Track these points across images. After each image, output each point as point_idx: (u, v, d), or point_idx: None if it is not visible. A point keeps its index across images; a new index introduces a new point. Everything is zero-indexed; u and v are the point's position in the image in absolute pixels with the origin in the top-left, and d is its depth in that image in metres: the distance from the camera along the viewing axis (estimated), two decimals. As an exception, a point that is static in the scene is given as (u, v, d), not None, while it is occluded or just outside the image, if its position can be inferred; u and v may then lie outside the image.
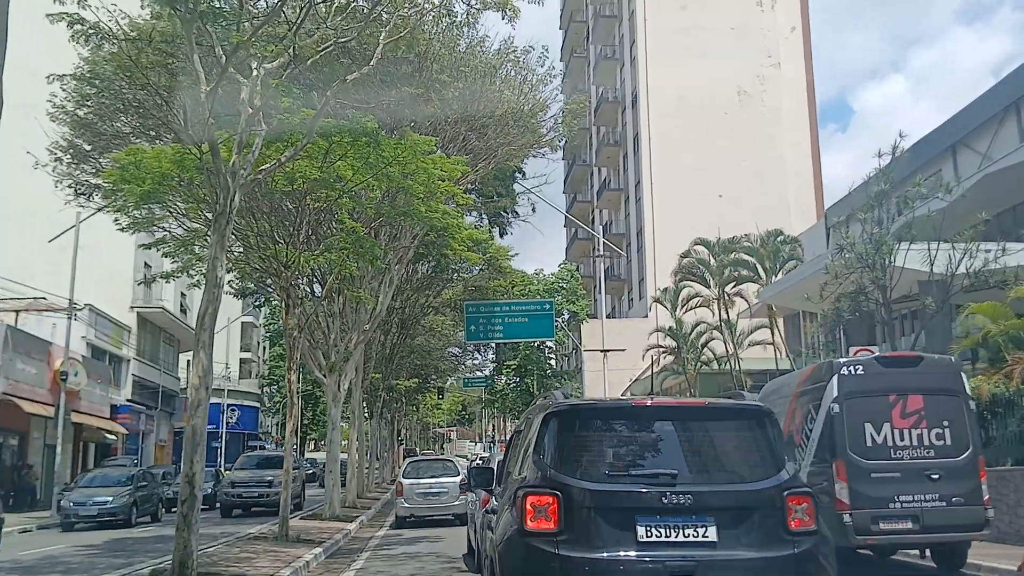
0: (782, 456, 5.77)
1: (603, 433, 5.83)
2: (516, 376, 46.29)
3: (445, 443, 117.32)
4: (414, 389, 57.49)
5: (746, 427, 5.85)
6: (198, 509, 8.84)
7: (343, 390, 21.68)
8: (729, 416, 6.04)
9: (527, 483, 5.61)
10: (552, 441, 5.65)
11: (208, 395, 9.34)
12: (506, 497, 6.14)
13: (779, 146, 52.91)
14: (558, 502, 5.31)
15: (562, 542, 5.26)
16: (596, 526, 5.28)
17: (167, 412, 48.73)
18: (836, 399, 10.90)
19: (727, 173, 51.20)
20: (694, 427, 5.86)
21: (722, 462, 5.78)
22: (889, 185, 18.74)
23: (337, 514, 21.03)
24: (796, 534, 5.39)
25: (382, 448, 52.87)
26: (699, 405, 6.31)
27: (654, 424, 5.83)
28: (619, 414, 6.07)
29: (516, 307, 32.03)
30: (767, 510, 5.42)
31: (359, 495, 31.50)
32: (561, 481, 5.40)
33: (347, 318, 21.96)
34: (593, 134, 66.02)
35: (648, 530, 5.27)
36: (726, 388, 41.06)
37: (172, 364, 49.38)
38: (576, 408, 6.04)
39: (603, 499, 5.35)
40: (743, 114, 53.35)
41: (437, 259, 30.70)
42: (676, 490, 5.33)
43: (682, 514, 5.28)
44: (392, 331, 37.80)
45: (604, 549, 5.23)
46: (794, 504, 5.44)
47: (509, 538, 5.57)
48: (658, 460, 5.62)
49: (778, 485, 5.52)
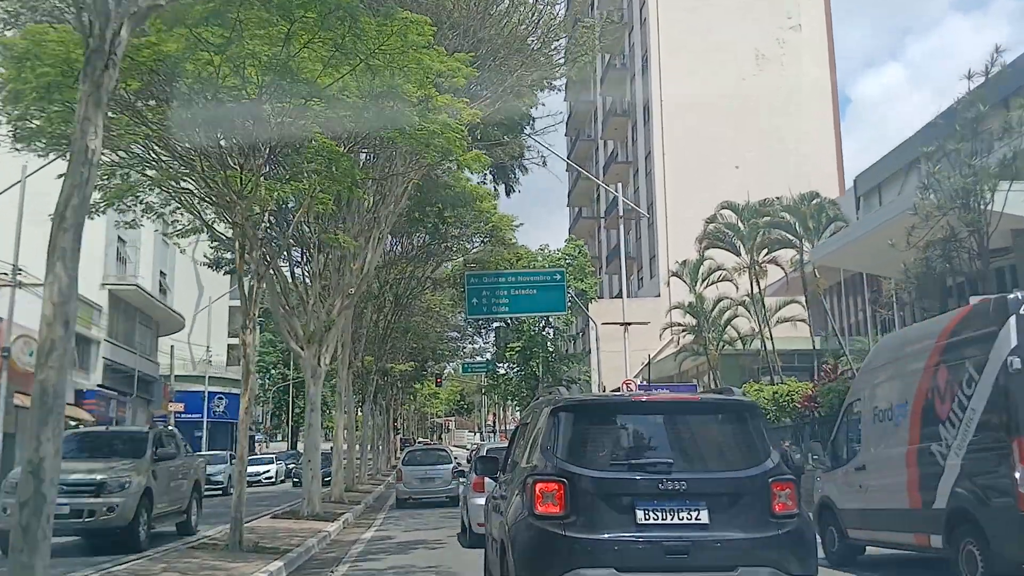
0: (767, 446, 6.18)
1: (605, 426, 6.35)
2: (520, 359, 42.88)
3: (443, 433, 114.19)
4: (410, 375, 54.17)
5: (734, 420, 6.30)
6: (48, 517, 5.36)
7: (324, 364, 18.29)
8: (719, 410, 6.51)
9: (536, 471, 6.00)
10: (559, 433, 6.07)
11: (69, 334, 5.92)
12: (515, 484, 6.52)
13: (800, 113, 49.46)
14: (564, 489, 5.74)
15: (568, 525, 5.69)
16: (599, 510, 5.74)
17: (144, 399, 45.31)
18: (1016, 350, 7.52)
19: (744, 143, 47.74)
20: (688, 420, 6.42)
21: (713, 452, 6.26)
22: (987, 107, 15.32)
23: (317, 512, 17.69)
24: (780, 517, 5.83)
25: (377, 437, 49.52)
26: (692, 400, 7.23)
27: (651, 418, 6.38)
28: (620, 409, 6.62)
29: (523, 278, 28.65)
30: (754, 495, 5.85)
31: (349, 488, 28.14)
32: (567, 469, 5.83)
33: (329, 280, 18.54)
34: (599, 106, 62.55)
35: (646, 513, 5.71)
36: (752, 370, 37.87)
37: (150, 348, 45.93)
38: (581, 403, 6.70)
39: (605, 486, 5.82)
40: (761, 80, 49.87)
41: (434, 222, 27.39)
42: (671, 477, 5.76)
43: (677, 499, 5.72)
44: (386, 308, 34.40)
45: (606, 531, 5.69)
46: (778, 490, 5.87)
47: (520, 521, 5.96)
48: (655, 450, 6.10)
49: (764, 473, 5.92)
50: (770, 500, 5.83)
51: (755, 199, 31.13)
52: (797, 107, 49.50)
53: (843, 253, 18.85)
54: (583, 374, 44.21)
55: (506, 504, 6.63)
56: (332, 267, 18.77)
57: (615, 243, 60.12)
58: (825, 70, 51.12)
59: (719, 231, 29.65)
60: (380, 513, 21.41)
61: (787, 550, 5.76)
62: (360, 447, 36.62)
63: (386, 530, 16.88)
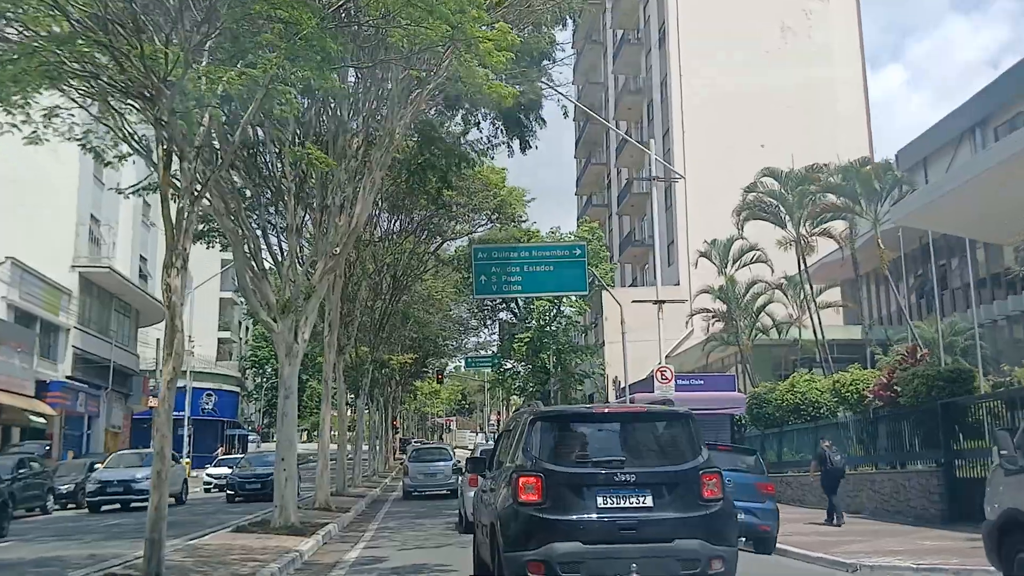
0: (699, 446, 7.56)
1: (573, 432, 7.86)
2: (529, 352, 39.35)
3: (444, 433, 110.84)
4: (410, 370, 50.61)
5: (673, 427, 7.87)
6: None
7: (302, 341, 14.78)
8: (661, 419, 8.22)
9: (519, 468, 7.39)
10: (537, 438, 7.50)
11: None
12: (502, 478, 7.85)
13: (828, 88, 45.87)
14: (542, 481, 7.13)
15: (545, 509, 7.06)
16: (568, 498, 7.11)
17: (122, 393, 41.80)
18: None
19: (769, 121, 44.07)
20: (636, 427, 7.96)
21: (655, 451, 7.76)
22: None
23: (292, 523, 14.21)
24: (707, 500, 7.21)
25: (373, 435, 46.02)
26: (641, 411, 8.74)
27: (608, 425, 7.95)
28: (584, 418, 8.26)
29: (538, 252, 25.13)
30: (687, 484, 7.26)
31: (339, 492, 24.64)
32: (544, 466, 7.25)
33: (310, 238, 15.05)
34: (611, 85, 59.02)
35: (604, 499, 7.10)
36: (788, 361, 34.40)
37: (127, 338, 42.39)
38: (554, 414, 8.22)
39: (573, 479, 7.23)
40: (787, 52, 46.36)
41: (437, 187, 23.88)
42: (623, 471, 7.18)
43: (627, 488, 7.12)
44: (383, 291, 30.88)
45: (574, 513, 7.06)
46: (706, 480, 7.28)
47: (507, 507, 7.31)
48: (611, 450, 7.49)
49: (695, 467, 7.36)
50: (700, 488, 7.22)
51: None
52: (825, 82, 45.97)
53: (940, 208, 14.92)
54: (597, 367, 40.67)
55: (495, 495, 7.97)
56: (313, 221, 15.27)
57: (628, 231, 56.70)
58: (855, 41, 47.67)
59: (760, 201, 26.12)
60: (372, 522, 17.93)
61: (713, 527, 7.11)
62: (354, 446, 33.08)
63: (377, 546, 13.42)
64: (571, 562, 6.83)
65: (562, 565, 6.81)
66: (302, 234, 15.19)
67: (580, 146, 67.69)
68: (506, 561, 7.11)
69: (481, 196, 26.98)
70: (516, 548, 7.01)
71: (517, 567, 6.96)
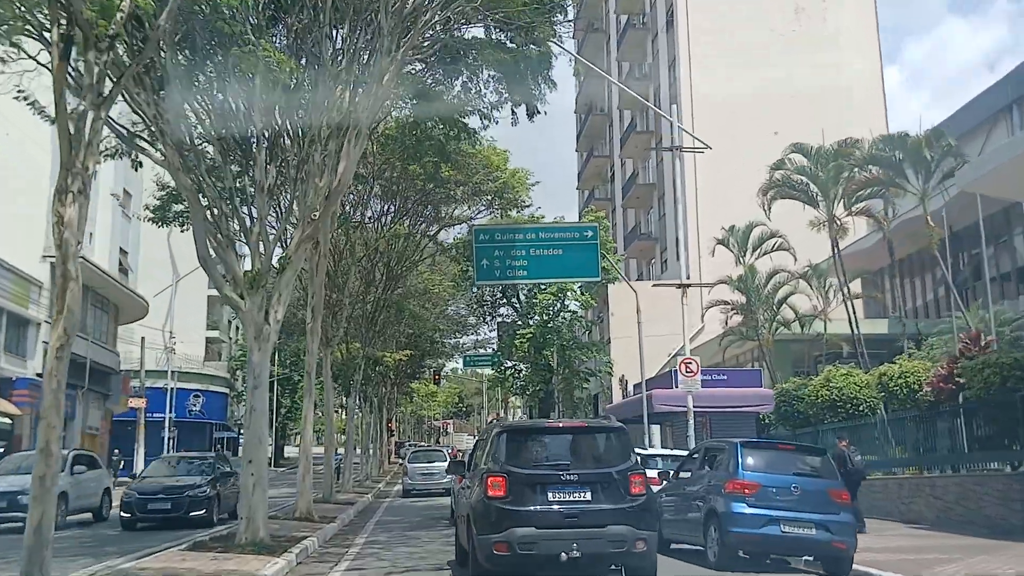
0: (629, 452, 9.55)
1: (530, 441, 9.79)
2: (531, 348, 36.94)
3: (441, 436, 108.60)
4: (406, 370, 48.25)
5: (608, 437, 9.80)
6: None
7: (274, 322, 12.47)
8: (600, 431, 10.24)
9: (489, 470, 9.22)
10: (503, 446, 9.40)
11: None
12: (476, 478, 9.70)
13: (842, 72, 43.60)
14: (506, 480, 8.93)
15: (507, 502, 8.84)
16: (526, 493, 8.90)
17: (100, 393, 39.30)
18: None
19: (782, 105, 41.77)
20: (579, 437, 10.06)
21: (594, 456, 9.63)
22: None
23: (261, 537, 11.89)
24: (634, 496, 9.00)
25: (367, 437, 43.65)
26: (582, 425, 10.96)
27: (558, 436, 10.09)
28: (539, 431, 10.41)
29: (546, 234, 22.78)
30: (618, 482, 9.06)
31: (325, 498, 22.31)
32: (507, 469, 9.07)
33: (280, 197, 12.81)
34: (615, 72, 56.78)
35: (554, 494, 8.89)
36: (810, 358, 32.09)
37: (106, 334, 39.89)
38: (515, 428, 10.72)
39: (530, 478, 8.99)
40: (800, 35, 44.18)
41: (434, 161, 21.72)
42: (569, 472, 9.02)
43: (571, 485, 8.93)
44: (376, 282, 28.60)
45: (530, 505, 8.83)
46: (633, 479, 9.09)
47: (478, 500, 9.14)
48: (559, 456, 9.41)
49: (625, 468, 9.18)
50: (628, 486, 9.03)
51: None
52: (839, 65, 43.77)
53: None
54: (605, 366, 38.33)
55: (470, 492, 9.87)
56: (286, 177, 12.98)
57: (633, 224, 54.34)
58: (871, 21, 45.54)
59: (788, 179, 23.80)
60: (360, 535, 15.62)
61: (638, 516, 8.94)
62: (345, 448, 30.73)
63: (362, 566, 11.12)
64: (527, 543, 8.62)
65: (520, 545, 8.62)
66: (276, 197, 12.86)
67: (581, 139, 65.40)
68: (478, 543, 8.93)
69: (482, 175, 24.70)
70: (486, 532, 8.80)
71: (487, 547, 8.76)
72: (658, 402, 22.87)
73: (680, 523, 11.66)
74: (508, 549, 8.58)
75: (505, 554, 8.61)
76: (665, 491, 12.53)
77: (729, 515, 10.09)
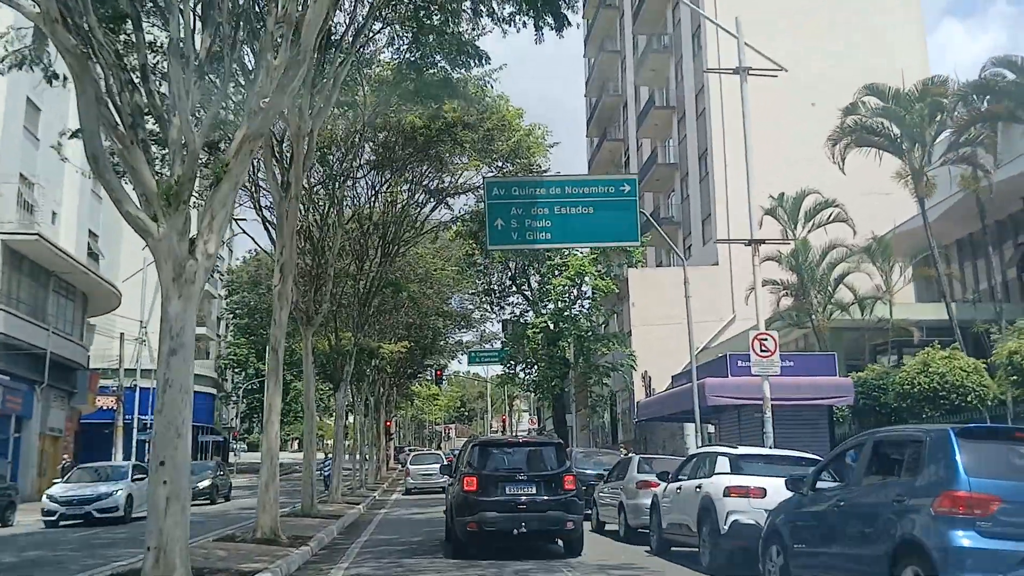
0: (564, 459, 13.43)
1: (496, 451, 13.60)
2: (545, 341, 32.84)
3: (443, 441, 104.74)
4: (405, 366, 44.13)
5: (551, 450, 13.55)
6: None
7: (204, 256, 8.41)
8: (545, 445, 14.05)
9: (465, 472, 12.83)
10: (475, 454, 13.16)
11: None
12: (457, 478, 13.33)
13: (885, 38, 39.52)
14: (477, 479, 12.52)
15: (478, 494, 12.36)
16: (490, 487, 12.43)
17: (63, 391, 35.22)
18: None
19: (820, 74, 37.61)
20: (532, 449, 13.97)
21: (540, 462, 13.21)
22: None
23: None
24: (566, 491, 12.64)
25: (361, 440, 39.50)
26: (534, 440, 17.70)
27: (516, 448, 14.25)
28: (503, 444, 14.97)
29: (574, 188, 18.66)
30: (556, 480, 12.69)
31: (305, 511, 18.15)
32: (478, 470, 12.73)
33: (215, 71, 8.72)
34: (628, 52, 52.82)
35: (510, 489, 12.50)
36: (873, 345, 27.93)
37: (71, 325, 35.79)
38: (485, 441, 14.64)
39: (493, 478, 12.61)
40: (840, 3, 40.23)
41: (436, 95, 17.69)
42: (521, 473, 12.81)
43: (523, 483, 12.60)
44: (370, 260, 24.51)
45: (493, 496, 12.35)
46: (566, 479, 12.75)
47: (458, 493, 12.82)
48: (516, 461, 13.29)
49: (561, 471, 12.89)
50: (563, 483, 12.65)
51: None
52: (883, 31, 39.73)
53: None
54: (628, 358, 34.18)
55: (453, 488, 13.66)
56: (225, 51, 8.87)
57: (652, 209, 50.16)
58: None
59: (863, 124, 19.65)
60: (340, 561, 11.53)
61: (568, 504, 12.54)
62: (334, 452, 26.55)
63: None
64: (490, 522, 12.16)
65: (485, 524, 12.15)
66: (204, 73, 8.74)
67: (593, 123, 61.41)
68: (456, 523, 12.59)
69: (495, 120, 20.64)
70: (462, 515, 12.37)
71: (462, 526, 12.33)
72: (712, 393, 18.68)
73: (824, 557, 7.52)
74: (477, 527, 12.16)
75: (475, 531, 12.20)
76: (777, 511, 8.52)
77: (948, 550, 5.93)
